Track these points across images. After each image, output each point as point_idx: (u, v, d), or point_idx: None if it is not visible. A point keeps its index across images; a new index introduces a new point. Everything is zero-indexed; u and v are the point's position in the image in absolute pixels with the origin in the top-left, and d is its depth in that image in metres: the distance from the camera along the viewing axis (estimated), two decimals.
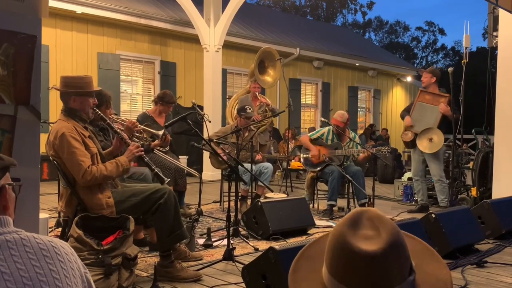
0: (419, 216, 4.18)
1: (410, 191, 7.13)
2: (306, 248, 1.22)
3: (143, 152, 3.32)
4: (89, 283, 1.36)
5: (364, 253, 0.99)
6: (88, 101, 3.20)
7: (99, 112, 3.34)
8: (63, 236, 3.20)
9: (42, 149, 2.72)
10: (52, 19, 9.10)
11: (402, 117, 6.29)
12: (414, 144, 6.07)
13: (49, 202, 6.06)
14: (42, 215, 3.63)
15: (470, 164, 6.81)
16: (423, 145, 5.94)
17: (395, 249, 1.01)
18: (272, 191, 5.23)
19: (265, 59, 7.70)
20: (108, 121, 3.42)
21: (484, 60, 10.19)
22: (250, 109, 5.80)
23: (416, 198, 6.48)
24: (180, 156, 6.57)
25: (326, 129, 6.20)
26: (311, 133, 6.35)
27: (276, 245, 2.73)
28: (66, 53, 9.54)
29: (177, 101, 9.41)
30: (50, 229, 4.49)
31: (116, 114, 5.08)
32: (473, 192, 6.31)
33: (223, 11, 9.54)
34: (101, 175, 3.07)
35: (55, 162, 3.14)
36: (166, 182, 3.27)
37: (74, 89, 3.14)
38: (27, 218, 2.12)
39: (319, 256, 1.15)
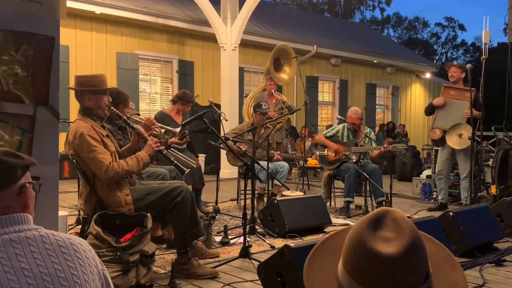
0: (438, 214, 4.14)
1: (428, 189, 7.04)
2: (326, 239, 1.22)
3: (162, 147, 3.38)
4: (107, 280, 1.39)
5: (380, 255, 0.99)
6: (103, 99, 3.24)
7: (115, 109, 3.38)
8: (83, 233, 3.26)
9: (61, 148, 2.78)
10: (72, 19, 9.23)
11: (429, 109, 6.16)
12: (442, 141, 5.98)
13: (70, 200, 6.16)
14: (62, 212, 3.70)
15: (490, 162, 6.70)
16: (452, 141, 5.83)
17: (411, 253, 1.00)
18: (288, 189, 5.23)
19: (280, 57, 7.67)
20: (125, 118, 3.47)
21: (505, 55, 10.00)
22: (265, 105, 5.83)
23: (435, 196, 6.40)
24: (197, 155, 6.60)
25: (340, 126, 6.17)
26: (325, 131, 6.33)
27: (292, 243, 2.73)
28: (85, 53, 9.66)
29: (195, 100, 9.48)
30: (70, 227, 4.57)
31: (138, 115, 5.16)
32: (493, 190, 6.21)
33: (240, 9, 9.55)
34: (123, 170, 3.13)
35: (74, 160, 3.20)
36: (186, 172, 3.35)
37: (87, 87, 3.19)
38: (47, 215, 2.17)
39: (337, 249, 1.15)
